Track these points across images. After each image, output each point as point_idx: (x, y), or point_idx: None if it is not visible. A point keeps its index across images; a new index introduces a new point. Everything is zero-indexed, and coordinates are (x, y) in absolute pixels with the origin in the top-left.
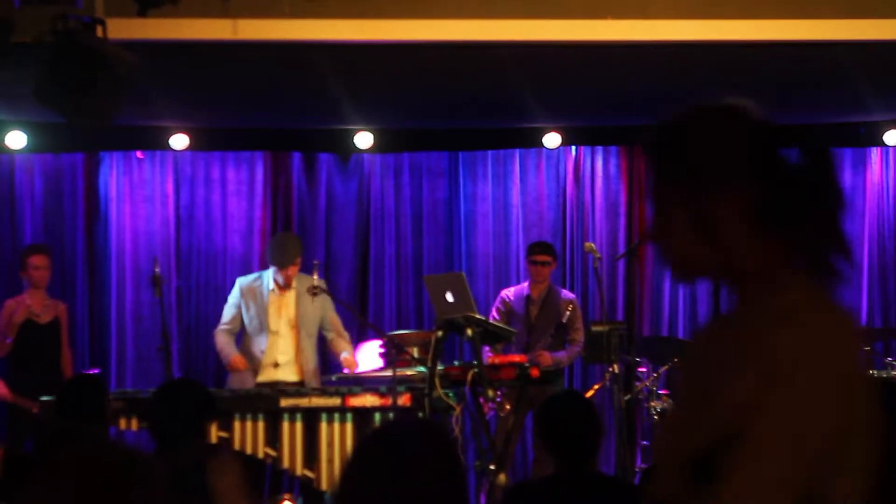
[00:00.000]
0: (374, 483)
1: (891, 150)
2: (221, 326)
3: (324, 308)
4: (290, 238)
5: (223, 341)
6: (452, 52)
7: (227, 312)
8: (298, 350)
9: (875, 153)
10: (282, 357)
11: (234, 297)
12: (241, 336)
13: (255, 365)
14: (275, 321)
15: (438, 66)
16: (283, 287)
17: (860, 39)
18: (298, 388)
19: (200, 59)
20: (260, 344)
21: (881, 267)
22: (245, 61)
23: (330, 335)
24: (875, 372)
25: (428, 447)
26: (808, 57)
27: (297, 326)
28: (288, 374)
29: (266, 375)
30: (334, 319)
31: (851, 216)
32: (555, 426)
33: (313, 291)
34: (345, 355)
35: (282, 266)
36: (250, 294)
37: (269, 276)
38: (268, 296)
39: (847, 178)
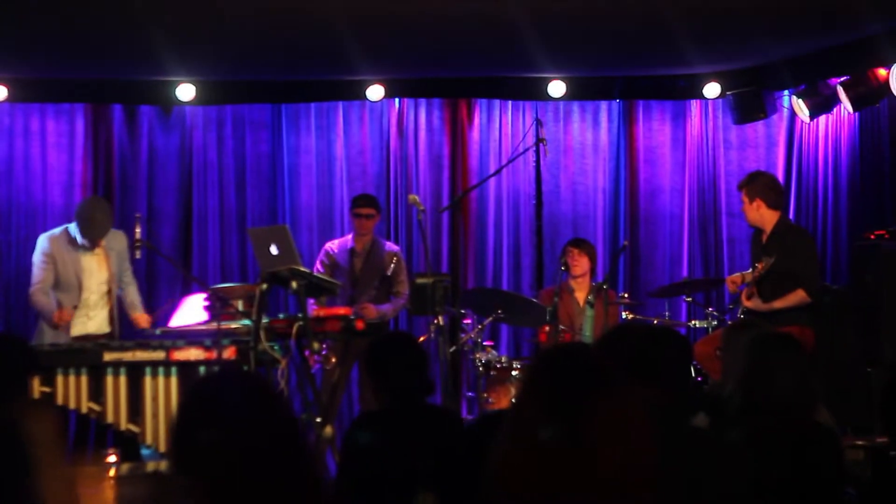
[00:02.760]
0: (202, 436)
1: (710, 102)
2: (36, 286)
3: (122, 259)
4: (98, 209)
5: (42, 301)
6: (275, 1)
7: (38, 270)
8: (110, 303)
9: (695, 105)
10: (92, 312)
11: (42, 253)
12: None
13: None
14: (87, 277)
15: (261, 15)
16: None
17: None
18: (122, 343)
19: (16, 4)
20: (72, 299)
21: (701, 218)
22: (63, 7)
23: (123, 285)
24: (696, 322)
25: (249, 398)
26: (627, 8)
27: (108, 282)
28: (100, 326)
29: (79, 329)
30: (128, 270)
31: (672, 168)
32: (385, 364)
33: (137, 247)
34: (137, 313)
35: (92, 241)
36: (60, 249)
37: (76, 231)
38: (79, 251)
39: (667, 130)
